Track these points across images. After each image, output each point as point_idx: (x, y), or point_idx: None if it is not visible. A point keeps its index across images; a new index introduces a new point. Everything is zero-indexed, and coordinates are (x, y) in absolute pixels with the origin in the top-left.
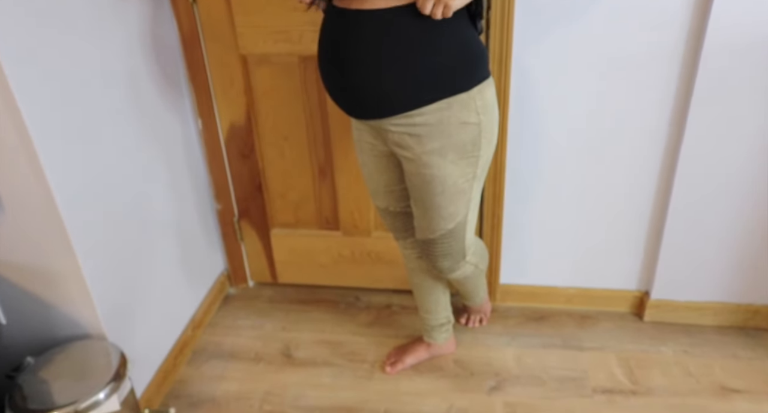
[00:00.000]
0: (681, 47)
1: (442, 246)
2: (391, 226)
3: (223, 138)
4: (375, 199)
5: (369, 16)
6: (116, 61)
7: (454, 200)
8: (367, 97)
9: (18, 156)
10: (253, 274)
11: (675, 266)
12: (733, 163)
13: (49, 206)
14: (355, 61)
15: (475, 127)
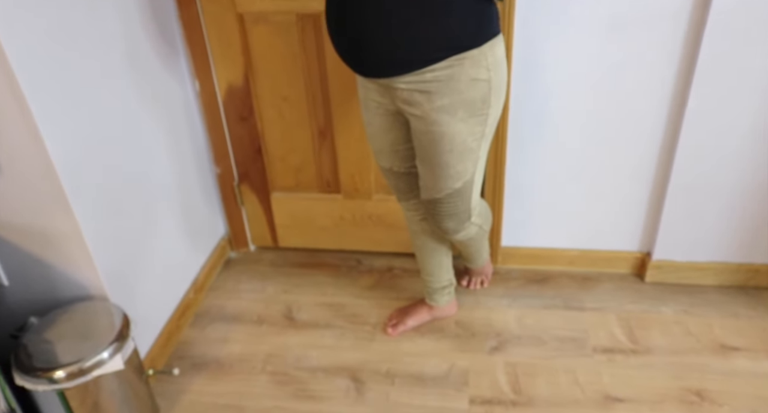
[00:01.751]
0: (688, 2)
1: (448, 206)
2: (394, 187)
3: (221, 100)
4: (379, 159)
5: None
6: (111, 22)
7: (462, 159)
8: (379, 57)
9: (15, 119)
10: (254, 238)
11: (677, 227)
12: (737, 123)
13: (46, 168)
14: (366, 22)
15: (485, 84)
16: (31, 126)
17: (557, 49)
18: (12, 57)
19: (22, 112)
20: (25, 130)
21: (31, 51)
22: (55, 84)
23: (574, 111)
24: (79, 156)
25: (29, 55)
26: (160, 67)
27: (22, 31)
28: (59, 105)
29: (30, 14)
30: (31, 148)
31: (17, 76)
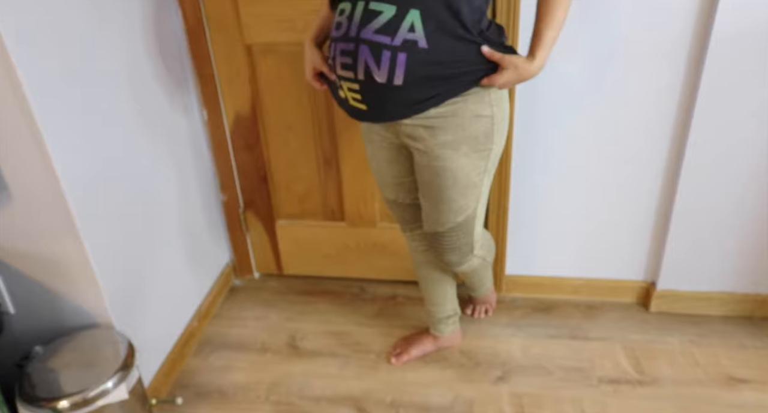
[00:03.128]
0: (689, 32)
1: (450, 239)
2: (399, 218)
3: (228, 128)
4: (384, 191)
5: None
6: (122, 52)
7: (464, 194)
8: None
9: (27, 147)
10: (258, 265)
11: (681, 257)
12: (740, 152)
13: (56, 196)
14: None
15: (488, 119)
16: (44, 154)
17: (559, 82)
18: (28, 88)
19: (35, 140)
20: (37, 158)
21: (46, 83)
22: (66, 112)
23: (577, 142)
24: (89, 184)
25: (42, 83)
26: (169, 97)
27: (37, 63)
28: (71, 133)
29: (43, 42)
30: (43, 176)
31: (32, 106)
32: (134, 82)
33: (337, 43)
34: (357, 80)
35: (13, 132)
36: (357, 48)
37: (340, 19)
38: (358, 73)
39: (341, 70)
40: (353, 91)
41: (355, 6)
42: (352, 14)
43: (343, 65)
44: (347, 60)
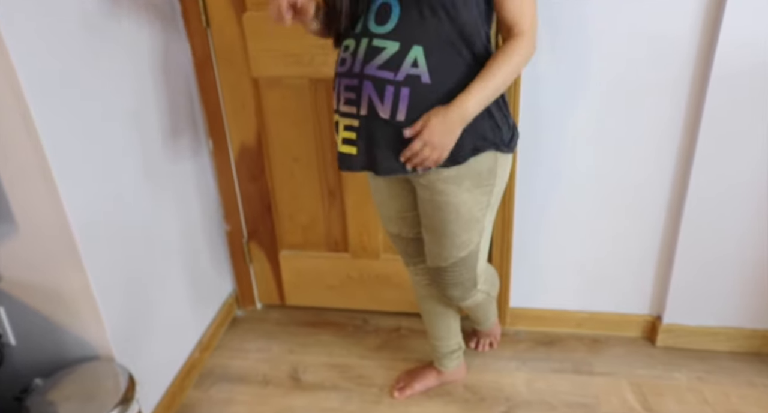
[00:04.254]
0: (689, 70)
1: (453, 274)
2: (402, 252)
3: (233, 159)
4: (387, 225)
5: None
6: (130, 85)
7: (467, 228)
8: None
9: (35, 179)
10: (261, 296)
11: (687, 290)
12: (744, 185)
13: (62, 228)
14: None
15: (491, 155)
16: (52, 187)
17: (562, 117)
18: (38, 122)
19: (43, 173)
20: (45, 191)
21: (55, 117)
22: (75, 146)
23: (580, 176)
24: (94, 215)
25: (53, 121)
26: (176, 128)
27: (47, 96)
28: (79, 166)
29: (55, 83)
30: (50, 208)
31: (41, 139)
32: (142, 114)
33: (341, 78)
34: (359, 116)
35: (22, 164)
36: (361, 84)
37: (345, 56)
38: (361, 108)
39: (344, 105)
40: (349, 128)
41: (359, 43)
42: (356, 51)
43: (346, 100)
44: (351, 95)
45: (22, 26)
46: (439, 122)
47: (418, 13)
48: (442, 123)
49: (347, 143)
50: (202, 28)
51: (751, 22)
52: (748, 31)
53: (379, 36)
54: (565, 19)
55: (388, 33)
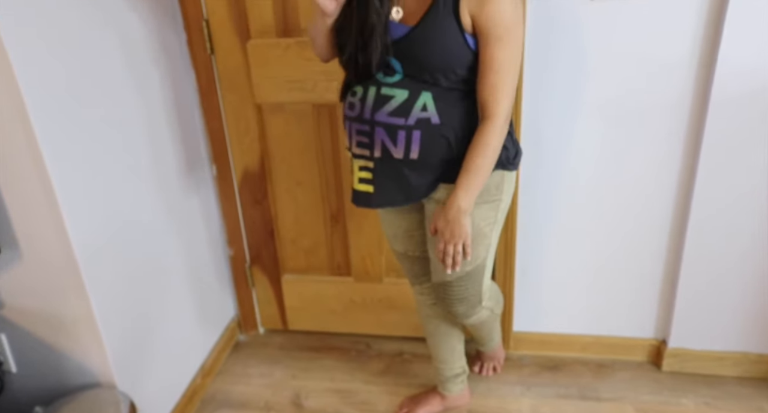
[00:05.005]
0: (689, 95)
1: (459, 289)
2: (408, 271)
3: (236, 184)
4: (393, 244)
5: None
6: (137, 112)
7: (474, 244)
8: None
9: (39, 204)
10: (263, 320)
11: (692, 314)
12: (747, 206)
13: (66, 255)
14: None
15: (498, 173)
16: (57, 215)
17: (563, 142)
18: (44, 149)
19: (48, 200)
20: (49, 217)
21: (60, 142)
22: (80, 172)
23: (583, 199)
24: (98, 242)
25: (57, 145)
26: (180, 154)
27: (55, 124)
28: (83, 194)
29: (62, 109)
30: (53, 234)
31: (47, 166)
32: (146, 141)
33: (351, 122)
34: (373, 158)
35: (27, 191)
36: (372, 129)
37: (353, 100)
38: (374, 151)
39: (357, 148)
40: (365, 169)
41: (367, 90)
42: (364, 97)
43: (359, 143)
44: (363, 139)
45: (32, 57)
46: (443, 224)
47: (420, 76)
48: (446, 223)
49: (364, 182)
50: (207, 56)
51: (748, 45)
52: (745, 53)
53: (387, 85)
54: (566, 42)
55: (395, 82)
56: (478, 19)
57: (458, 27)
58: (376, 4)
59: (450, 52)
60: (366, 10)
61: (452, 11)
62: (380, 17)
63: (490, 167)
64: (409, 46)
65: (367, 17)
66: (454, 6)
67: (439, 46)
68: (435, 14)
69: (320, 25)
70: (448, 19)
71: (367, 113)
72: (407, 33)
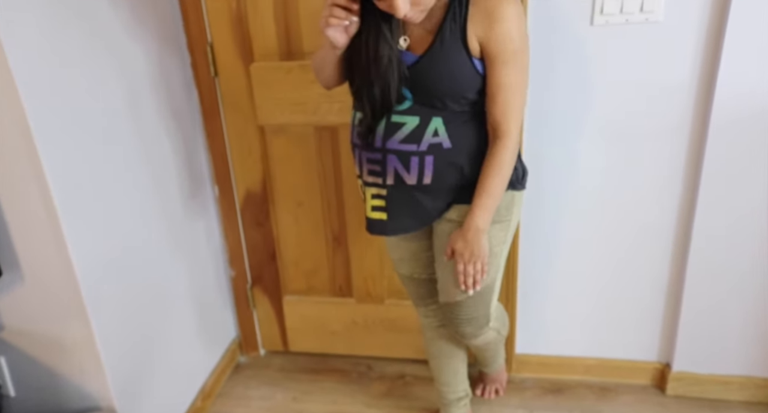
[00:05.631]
0: (689, 117)
1: (467, 310)
2: (413, 293)
3: (238, 205)
4: (399, 267)
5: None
6: (138, 134)
7: None
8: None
9: (42, 226)
10: (264, 342)
11: (696, 337)
12: (749, 230)
13: (69, 278)
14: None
15: (509, 193)
16: (58, 235)
17: (566, 163)
18: (48, 172)
19: (51, 222)
20: (52, 239)
21: (64, 165)
22: (84, 196)
23: (585, 220)
24: (100, 264)
25: (62, 169)
26: (182, 175)
27: (59, 151)
28: (86, 217)
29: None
30: (56, 257)
31: (51, 189)
32: (149, 162)
33: (361, 151)
34: (385, 185)
35: (31, 214)
36: (384, 157)
37: (361, 129)
38: (387, 179)
39: (368, 176)
40: (378, 197)
41: (379, 121)
42: (374, 125)
43: (370, 171)
44: (375, 168)
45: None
46: (461, 246)
47: (430, 103)
48: (465, 244)
49: (377, 210)
50: (210, 78)
51: (747, 68)
52: (745, 76)
53: (397, 112)
54: (566, 65)
55: (405, 110)
56: (486, 43)
57: (466, 52)
58: (387, 36)
59: (459, 77)
60: (377, 41)
61: (460, 37)
62: (392, 49)
63: (505, 186)
64: (419, 74)
65: (378, 48)
66: (461, 32)
67: (448, 73)
68: (442, 41)
69: (329, 57)
70: (455, 46)
71: (378, 141)
72: (416, 61)
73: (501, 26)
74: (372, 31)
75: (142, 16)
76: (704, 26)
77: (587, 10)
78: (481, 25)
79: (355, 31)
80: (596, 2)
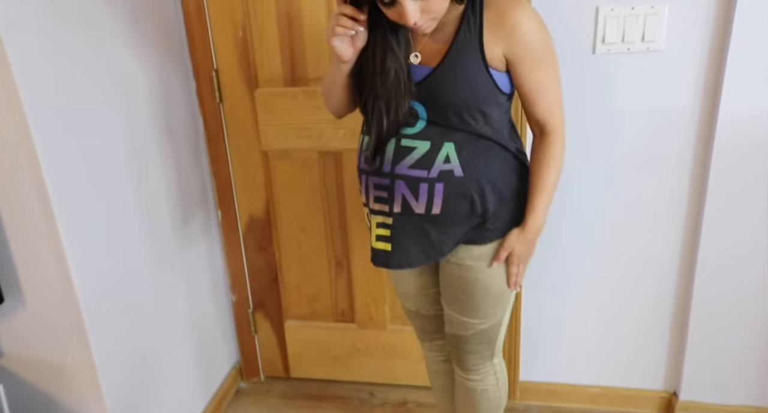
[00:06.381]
0: (691, 145)
1: (472, 344)
2: (419, 328)
3: (241, 230)
4: (405, 302)
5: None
6: (143, 159)
7: (493, 303)
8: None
9: (46, 253)
10: (265, 367)
11: (703, 366)
12: (755, 256)
13: (71, 304)
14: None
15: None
16: (62, 262)
17: (567, 189)
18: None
19: (55, 249)
20: (55, 266)
21: (69, 191)
22: (88, 222)
23: (589, 248)
24: (101, 289)
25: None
26: (185, 199)
27: (63, 174)
28: (89, 242)
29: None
30: (59, 283)
31: (56, 215)
32: (153, 189)
33: (369, 176)
34: (392, 214)
35: (35, 241)
36: (392, 183)
37: (368, 153)
38: (394, 206)
39: (375, 203)
40: (383, 226)
41: (386, 142)
42: (383, 150)
43: (377, 198)
44: (382, 194)
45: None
46: (522, 248)
47: (445, 119)
48: (525, 246)
49: (381, 240)
50: (215, 104)
51: (749, 95)
52: (746, 103)
53: (407, 136)
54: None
55: (416, 133)
56: (510, 49)
57: (482, 61)
58: (394, 48)
59: (476, 86)
60: (383, 53)
61: (476, 46)
62: (399, 62)
63: (558, 180)
64: (433, 87)
65: (385, 61)
66: (478, 40)
67: (464, 82)
68: (457, 50)
69: (336, 75)
70: (472, 54)
71: (386, 166)
72: (430, 74)
73: (521, 28)
74: (379, 43)
75: (149, 42)
76: (705, 54)
77: (589, 39)
78: (501, 32)
79: (362, 44)
80: (598, 31)
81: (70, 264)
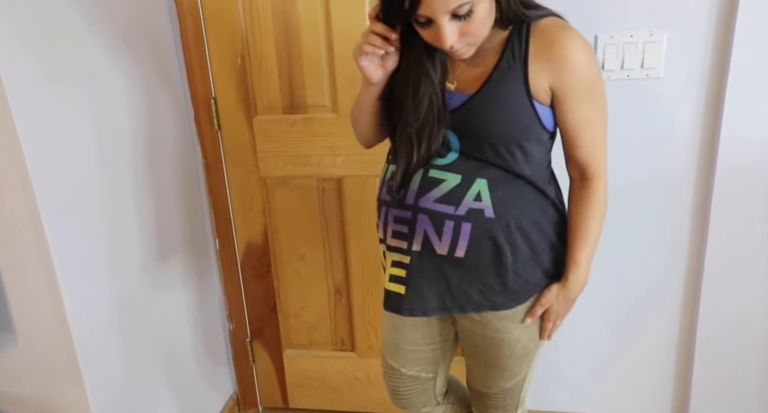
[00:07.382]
0: (692, 171)
1: (496, 400)
2: (392, 390)
3: (239, 258)
4: (388, 354)
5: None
6: (139, 187)
7: (519, 362)
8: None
9: (39, 287)
10: (263, 398)
11: (710, 393)
12: (761, 282)
13: (64, 338)
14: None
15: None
16: (56, 296)
17: None
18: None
19: (49, 283)
20: (49, 300)
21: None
22: (80, 253)
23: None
24: (95, 324)
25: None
26: (183, 228)
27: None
28: (83, 273)
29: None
30: (53, 318)
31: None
32: (150, 216)
33: (389, 208)
34: (410, 252)
35: (28, 275)
36: (415, 217)
37: (392, 183)
38: (413, 243)
39: (393, 238)
40: (398, 265)
41: (415, 172)
42: (408, 180)
43: (395, 233)
44: (402, 229)
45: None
46: (562, 306)
47: (480, 151)
48: (567, 303)
49: (395, 281)
50: (214, 131)
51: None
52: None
53: (437, 167)
54: None
55: (447, 165)
56: (557, 81)
57: (526, 92)
58: (430, 72)
59: (516, 117)
60: (417, 78)
61: (520, 76)
62: (435, 88)
63: (602, 228)
64: (469, 115)
65: (419, 86)
66: (522, 70)
67: (503, 113)
68: (498, 77)
69: (365, 97)
70: (514, 83)
71: (410, 197)
72: (466, 100)
73: (572, 58)
74: (413, 67)
75: (147, 71)
76: (705, 80)
77: None
78: (549, 63)
79: (393, 66)
80: (597, 58)
81: (64, 298)
